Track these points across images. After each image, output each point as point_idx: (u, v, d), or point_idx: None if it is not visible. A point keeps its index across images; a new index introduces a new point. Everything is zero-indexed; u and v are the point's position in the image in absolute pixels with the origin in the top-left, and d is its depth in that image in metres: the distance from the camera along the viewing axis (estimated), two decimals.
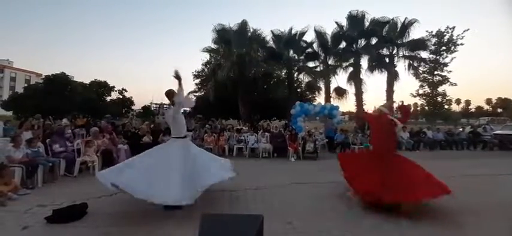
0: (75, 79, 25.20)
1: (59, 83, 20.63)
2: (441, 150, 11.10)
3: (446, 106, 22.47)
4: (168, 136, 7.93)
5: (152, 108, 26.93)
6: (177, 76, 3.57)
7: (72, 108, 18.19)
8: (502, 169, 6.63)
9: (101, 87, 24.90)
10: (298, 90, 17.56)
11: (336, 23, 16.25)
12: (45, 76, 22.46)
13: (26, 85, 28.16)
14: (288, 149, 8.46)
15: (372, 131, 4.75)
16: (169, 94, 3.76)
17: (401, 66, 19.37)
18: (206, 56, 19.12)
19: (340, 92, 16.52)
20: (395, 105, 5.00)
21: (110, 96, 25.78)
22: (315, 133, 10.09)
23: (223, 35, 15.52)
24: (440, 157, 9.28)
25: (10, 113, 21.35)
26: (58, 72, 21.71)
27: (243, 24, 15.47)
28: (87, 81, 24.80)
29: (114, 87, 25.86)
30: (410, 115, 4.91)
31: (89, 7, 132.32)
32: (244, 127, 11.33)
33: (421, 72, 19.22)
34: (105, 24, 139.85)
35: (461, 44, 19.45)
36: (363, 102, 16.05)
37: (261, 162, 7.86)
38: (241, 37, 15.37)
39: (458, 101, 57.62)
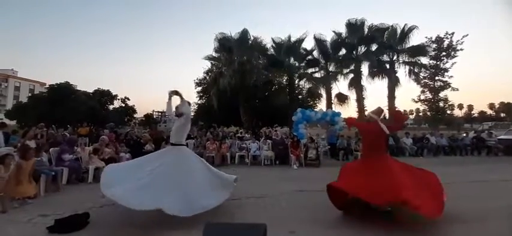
0: (78, 88, 25.44)
1: (62, 92, 20.79)
2: (445, 155, 10.99)
3: (448, 112, 22.36)
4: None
5: (154, 116, 27.06)
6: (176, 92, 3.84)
7: (75, 117, 18.27)
8: (507, 175, 6.54)
9: (104, 96, 25.07)
10: (300, 96, 17.58)
11: (334, 32, 16.41)
12: (49, 85, 22.71)
13: (30, 94, 28.48)
14: (290, 156, 8.43)
15: (362, 137, 4.70)
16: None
17: (402, 72, 19.41)
18: (208, 64, 19.34)
19: (342, 98, 16.53)
20: (386, 109, 4.95)
21: (113, 104, 25.93)
22: (317, 139, 10.05)
23: (224, 43, 15.68)
24: (444, 163, 9.17)
25: (14, 122, 21.51)
26: (62, 81, 21.96)
27: (244, 33, 15.64)
28: (91, 90, 25.03)
29: (116, 95, 26.06)
30: (403, 122, 4.75)
31: (93, 17, 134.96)
32: (246, 135, 11.32)
33: (421, 77, 19.26)
34: (108, 33, 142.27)
35: (461, 49, 19.58)
36: (365, 108, 16.03)
37: (263, 170, 7.81)
38: (243, 45, 15.52)
39: (460, 106, 57.39)
